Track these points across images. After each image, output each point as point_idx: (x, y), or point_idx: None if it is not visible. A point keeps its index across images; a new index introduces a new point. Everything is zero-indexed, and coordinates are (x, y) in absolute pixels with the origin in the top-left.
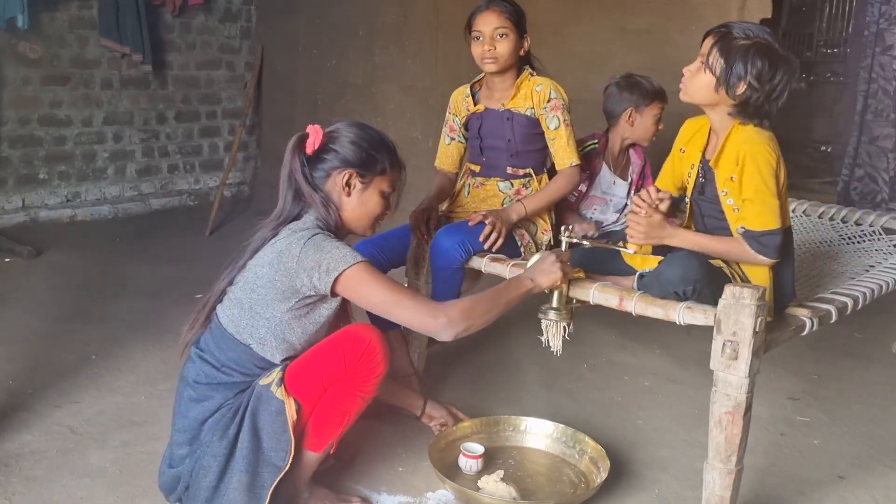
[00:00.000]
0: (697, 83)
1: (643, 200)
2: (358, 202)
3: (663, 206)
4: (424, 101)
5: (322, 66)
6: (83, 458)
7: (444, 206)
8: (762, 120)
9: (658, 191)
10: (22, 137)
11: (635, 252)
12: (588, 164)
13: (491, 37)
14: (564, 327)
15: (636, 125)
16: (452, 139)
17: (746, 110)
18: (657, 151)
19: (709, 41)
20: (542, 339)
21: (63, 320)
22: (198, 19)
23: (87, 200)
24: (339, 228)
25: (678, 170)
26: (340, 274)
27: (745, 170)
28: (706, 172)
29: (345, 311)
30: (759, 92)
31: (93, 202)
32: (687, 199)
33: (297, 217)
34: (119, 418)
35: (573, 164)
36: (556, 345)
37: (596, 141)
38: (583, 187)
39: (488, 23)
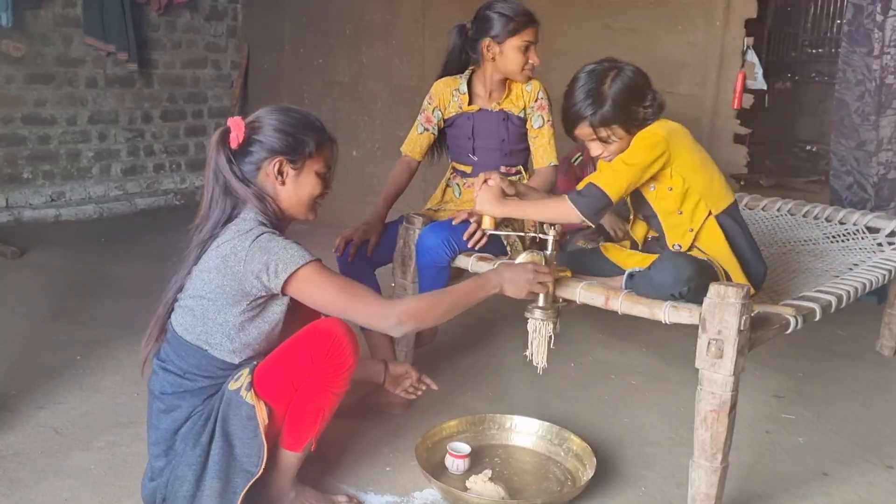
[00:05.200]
0: (620, 149)
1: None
2: (294, 188)
3: (491, 182)
4: (412, 99)
5: (309, 65)
6: (68, 459)
7: (429, 205)
8: (657, 115)
9: (494, 176)
10: (5, 136)
11: (488, 230)
12: (582, 174)
13: (534, 50)
14: (550, 338)
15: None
16: (426, 129)
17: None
18: None
19: (585, 128)
20: (527, 354)
21: (47, 321)
22: (183, 18)
23: (71, 200)
24: (281, 219)
25: None
26: (291, 275)
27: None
28: None
29: (300, 308)
30: (646, 100)
31: (77, 202)
32: (630, 212)
33: (232, 216)
34: (104, 419)
35: (552, 163)
36: (540, 361)
37: (580, 154)
38: None
39: (536, 35)
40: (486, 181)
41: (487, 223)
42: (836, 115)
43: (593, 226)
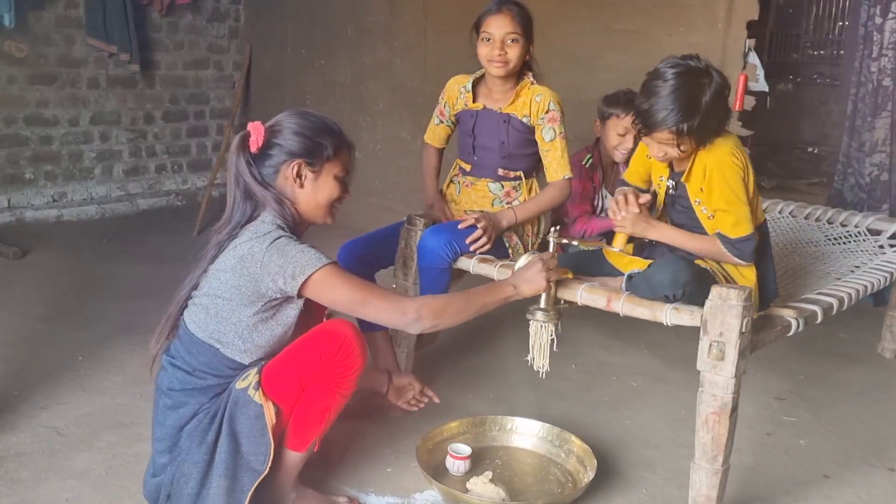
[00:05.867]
0: (685, 155)
1: (624, 202)
2: (312, 192)
3: (642, 200)
4: (413, 100)
5: (310, 66)
6: (69, 459)
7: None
8: (722, 129)
9: (638, 194)
10: (7, 137)
11: (621, 250)
12: (592, 178)
13: (502, 41)
14: (552, 340)
15: (602, 136)
16: (441, 122)
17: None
18: None
19: (667, 133)
20: (529, 358)
21: (49, 321)
22: (185, 19)
23: (73, 200)
24: (298, 222)
25: (647, 166)
26: (308, 278)
27: (713, 182)
28: (677, 185)
29: (311, 311)
30: (729, 114)
31: (79, 202)
32: (658, 209)
33: (252, 218)
34: (105, 419)
35: (566, 177)
36: (542, 365)
37: (590, 156)
38: (597, 202)
39: (500, 26)
40: (627, 202)
41: (621, 242)
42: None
43: (752, 264)
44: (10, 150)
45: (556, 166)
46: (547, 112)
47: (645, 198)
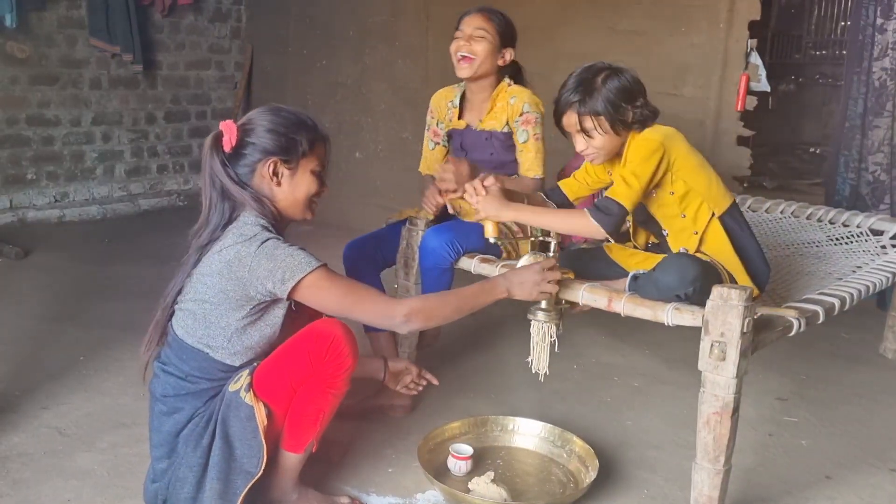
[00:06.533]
0: (603, 146)
1: (473, 190)
2: (290, 189)
3: (487, 183)
4: (415, 101)
5: (312, 67)
6: (71, 459)
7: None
8: (648, 120)
9: (487, 177)
10: (10, 137)
11: (496, 240)
12: None
13: (469, 35)
14: (553, 341)
15: None
16: (436, 143)
17: (638, 122)
18: None
19: (572, 116)
20: (529, 360)
21: (51, 321)
22: (187, 19)
23: (75, 201)
24: (279, 219)
25: (587, 181)
26: (298, 282)
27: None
28: None
29: (300, 308)
30: (637, 101)
31: (81, 202)
32: (629, 221)
33: (231, 219)
34: (107, 420)
35: (536, 176)
36: (541, 366)
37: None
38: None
39: (470, 23)
40: (483, 182)
41: (491, 230)
42: (856, 113)
43: (612, 240)
44: (13, 150)
45: (530, 165)
46: (521, 115)
47: (489, 180)
